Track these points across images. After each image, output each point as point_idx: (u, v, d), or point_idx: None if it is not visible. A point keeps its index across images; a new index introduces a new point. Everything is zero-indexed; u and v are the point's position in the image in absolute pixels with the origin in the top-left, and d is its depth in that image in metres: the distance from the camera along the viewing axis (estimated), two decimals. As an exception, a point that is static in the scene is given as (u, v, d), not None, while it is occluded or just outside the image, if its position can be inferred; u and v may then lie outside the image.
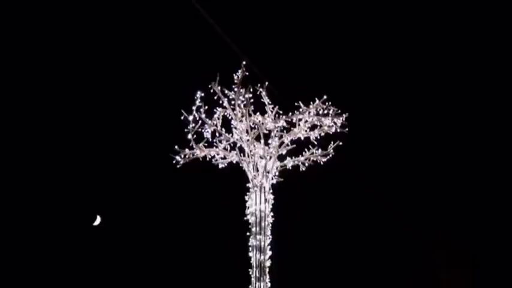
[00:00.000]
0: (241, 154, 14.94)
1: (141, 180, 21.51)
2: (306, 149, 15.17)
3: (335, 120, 15.11)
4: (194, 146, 14.95)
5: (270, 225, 14.70)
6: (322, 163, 15.24)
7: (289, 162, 15.17)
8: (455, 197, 20.59)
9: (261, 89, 14.83)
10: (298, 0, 19.14)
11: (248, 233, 14.70)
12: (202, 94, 14.78)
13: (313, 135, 15.16)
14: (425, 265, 20.93)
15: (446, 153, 20.61)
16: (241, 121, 14.85)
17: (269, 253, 14.57)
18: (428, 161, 20.72)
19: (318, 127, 15.12)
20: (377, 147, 20.18)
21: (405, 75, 20.34)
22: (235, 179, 15.35)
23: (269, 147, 14.91)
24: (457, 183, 20.56)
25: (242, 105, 14.80)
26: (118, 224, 21.89)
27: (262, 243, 14.52)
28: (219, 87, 14.79)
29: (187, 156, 15.04)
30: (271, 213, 14.78)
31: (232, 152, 15.08)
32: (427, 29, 19.70)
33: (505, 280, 19.97)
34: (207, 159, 15.18)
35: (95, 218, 21.62)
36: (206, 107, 14.81)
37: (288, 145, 15.10)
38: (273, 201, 14.87)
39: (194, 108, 14.75)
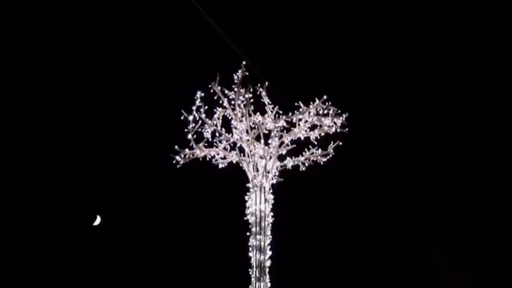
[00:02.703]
0: (241, 154, 14.94)
1: (141, 180, 21.50)
2: (306, 149, 15.17)
3: (335, 120, 15.11)
4: (194, 146, 14.94)
5: (270, 225, 14.70)
6: (322, 163, 15.24)
7: (289, 162, 15.17)
8: (455, 197, 20.58)
9: (261, 89, 14.83)
10: (298, 0, 19.14)
11: (248, 233, 14.70)
12: (202, 94, 14.78)
13: (313, 135, 15.16)
14: (425, 265, 20.93)
15: (446, 153, 20.61)
16: (241, 121, 14.85)
17: (269, 253, 14.58)
18: (428, 161, 20.72)
19: (318, 127, 15.11)
20: (377, 147, 20.17)
21: (404, 75, 20.34)
22: (235, 179, 15.35)
23: (269, 147, 14.91)
24: (457, 183, 20.56)
25: (242, 105, 14.80)
26: (118, 224, 21.89)
27: (262, 243, 14.52)
28: (219, 87, 14.79)
29: (187, 156, 15.04)
30: (271, 213, 14.78)
31: (232, 152, 15.08)
32: (426, 29, 19.69)
33: (505, 280, 19.96)
34: (207, 159, 15.18)
35: (95, 218, 21.62)
36: (206, 107, 14.81)
37: (288, 145, 15.09)
38: (273, 201, 14.87)
39: (194, 108, 14.75)
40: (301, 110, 14.97)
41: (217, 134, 14.98)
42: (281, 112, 14.94)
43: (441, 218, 20.80)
